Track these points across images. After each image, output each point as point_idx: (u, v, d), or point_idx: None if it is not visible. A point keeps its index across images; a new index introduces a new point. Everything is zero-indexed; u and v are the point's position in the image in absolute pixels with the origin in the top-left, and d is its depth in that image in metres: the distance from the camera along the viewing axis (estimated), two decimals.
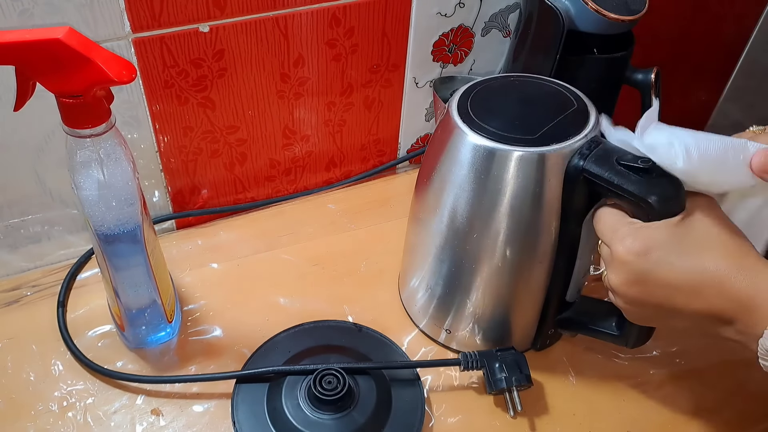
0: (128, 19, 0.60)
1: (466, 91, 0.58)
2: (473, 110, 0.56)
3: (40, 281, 0.71)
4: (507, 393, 0.60)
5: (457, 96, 0.58)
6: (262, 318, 0.68)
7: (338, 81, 0.75)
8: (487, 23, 0.78)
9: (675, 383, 0.64)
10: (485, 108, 0.56)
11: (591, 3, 0.66)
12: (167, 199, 0.76)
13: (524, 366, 0.61)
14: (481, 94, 0.58)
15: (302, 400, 0.59)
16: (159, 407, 0.61)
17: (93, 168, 0.50)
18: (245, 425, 0.58)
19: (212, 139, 0.73)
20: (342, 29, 0.71)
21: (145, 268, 0.58)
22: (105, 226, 0.54)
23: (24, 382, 0.62)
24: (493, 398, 0.62)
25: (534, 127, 0.53)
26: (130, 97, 0.66)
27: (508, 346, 0.62)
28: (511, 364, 0.60)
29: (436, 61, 0.79)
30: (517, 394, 0.60)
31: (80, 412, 0.60)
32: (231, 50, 0.67)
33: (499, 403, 0.62)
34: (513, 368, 0.60)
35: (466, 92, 0.58)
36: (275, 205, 0.82)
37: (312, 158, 0.81)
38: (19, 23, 0.56)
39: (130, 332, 0.63)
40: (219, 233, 0.78)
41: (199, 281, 0.72)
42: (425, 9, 0.73)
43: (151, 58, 0.64)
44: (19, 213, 0.68)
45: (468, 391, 0.63)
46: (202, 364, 0.64)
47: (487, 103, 0.57)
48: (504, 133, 0.53)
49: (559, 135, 0.52)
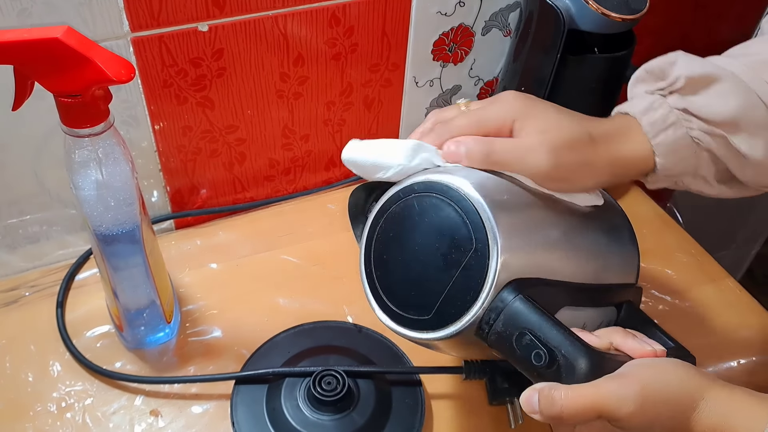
0: (127, 19, 0.60)
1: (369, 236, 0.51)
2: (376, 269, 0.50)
3: (39, 281, 0.70)
4: (509, 404, 0.60)
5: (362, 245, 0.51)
6: (262, 318, 0.68)
7: (338, 80, 0.75)
8: (488, 22, 0.78)
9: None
10: (386, 268, 0.49)
11: (592, 2, 0.66)
12: (166, 199, 0.76)
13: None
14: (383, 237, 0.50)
15: (301, 401, 0.59)
16: (158, 408, 0.60)
17: (91, 168, 0.50)
18: (244, 426, 0.58)
19: (211, 138, 0.73)
20: (342, 28, 0.70)
21: (143, 268, 0.58)
22: (103, 226, 0.53)
23: (22, 382, 0.61)
24: (495, 408, 0.61)
25: (430, 298, 0.46)
26: (129, 97, 0.65)
27: None
28: (514, 375, 0.59)
29: (436, 60, 0.78)
30: (519, 406, 0.59)
31: (79, 412, 0.60)
32: (230, 49, 0.67)
33: (500, 413, 0.61)
34: (516, 379, 0.59)
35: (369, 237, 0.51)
36: (275, 205, 0.82)
37: (311, 158, 0.81)
38: (17, 22, 0.56)
39: (128, 333, 0.63)
40: (218, 233, 0.77)
41: (198, 281, 0.71)
42: (425, 8, 0.73)
43: (150, 57, 0.64)
44: (17, 213, 0.68)
45: (469, 398, 0.62)
46: (201, 364, 0.64)
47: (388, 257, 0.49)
48: (402, 313, 0.48)
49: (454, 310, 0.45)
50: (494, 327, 0.44)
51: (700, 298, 0.73)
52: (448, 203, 0.46)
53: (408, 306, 0.48)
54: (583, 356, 0.42)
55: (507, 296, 0.43)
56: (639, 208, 0.84)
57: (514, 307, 0.43)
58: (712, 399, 0.42)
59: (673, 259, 0.77)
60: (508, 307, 0.43)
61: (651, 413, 0.42)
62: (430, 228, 0.47)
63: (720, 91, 0.49)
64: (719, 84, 0.49)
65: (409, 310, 0.47)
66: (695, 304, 0.73)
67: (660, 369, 0.43)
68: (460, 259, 0.45)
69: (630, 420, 0.41)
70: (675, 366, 0.44)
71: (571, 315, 0.48)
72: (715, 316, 0.72)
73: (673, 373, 0.43)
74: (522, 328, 0.43)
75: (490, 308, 0.43)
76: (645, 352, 0.45)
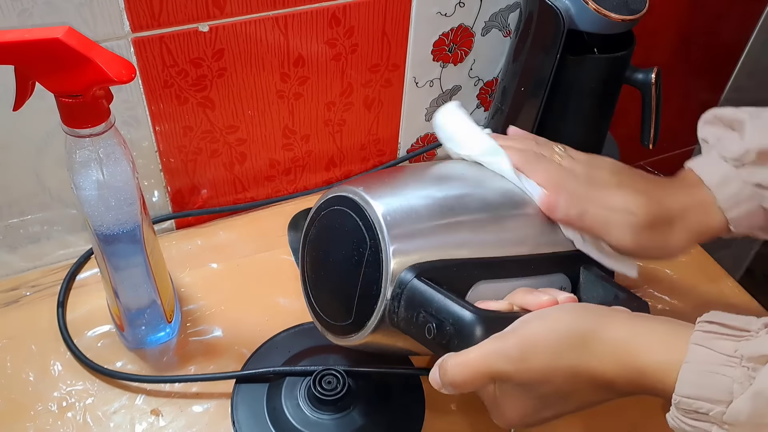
0: (128, 19, 0.60)
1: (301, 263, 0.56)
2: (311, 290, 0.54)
3: (40, 281, 0.70)
4: None
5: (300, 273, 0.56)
6: (262, 318, 0.68)
7: (338, 81, 0.75)
8: (488, 23, 0.78)
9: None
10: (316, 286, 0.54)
11: (591, 2, 0.66)
12: (167, 199, 0.76)
13: None
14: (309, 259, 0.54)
15: (302, 400, 0.59)
16: (159, 407, 0.60)
17: (92, 168, 0.50)
18: (245, 425, 0.58)
19: (212, 138, 0.73)
20: (342, 29, 0.70)
21: (144, 268, 0.58)
22: (104, 226, 0.54)
23: (23, 382, 0.62)
24: None
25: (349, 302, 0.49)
26: (130, 97, 0.65)
27: None
28: None
29: (436, 60, 0.79)
30: None
31: (80, 412, 0.60)
32: (231, 50, 0.67)
33: None
34: None
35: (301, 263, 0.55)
36: (275, 204, 0.82)
37: (312, 158, 0.81)
38: (18, 23, 0.56)
39: (129, 332, 0.63)
40: (219, 233, 0.78)
41: (199, 281, 0.72)
42: (425, 8, 0.73)
43: (151, 57, 0.64)
44: (18, 213, 0.68)
45: (469, 399, 0.62)
46: (202, 364, 0.64)
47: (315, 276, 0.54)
48: (335, 323, 0.52)
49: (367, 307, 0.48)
50: (399, 313, 0.46)
51: (700, 298, 0.73)
52: (347, 212, 0.49)
53: (337, 315, 0.51)
54: (471, 322, 0.43)
55: (404, 282, 0.46)
56: None
57: (411, 290, 0.46)
58: (611, 336, 0.42)
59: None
60: (406, 291, 0.46)
61: (538, 363, 0.42)
62: (338, 238, 0.51)
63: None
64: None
65: (338, 319, 0.51)
66: (695, 304, 0.73)
67: (546, 317, 0.44)
68: (362, 259, 0.48)
69: (519, 374, 0.42)
70: (563, 311, 0.45)
71: (492, 287, 0.49)
72: None
73: (559, 319, 0.44)
74: (418, 308, 0.45)
75: (392, 297, 0.46)
76: (540, 302, 0.46)
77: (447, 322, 0.44)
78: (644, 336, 0.42)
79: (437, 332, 0.44)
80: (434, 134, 0.87)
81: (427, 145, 0.87)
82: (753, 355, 0.38)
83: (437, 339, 0.44)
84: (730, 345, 0.39)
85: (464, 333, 0.43)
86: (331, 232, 0.52)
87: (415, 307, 0.46)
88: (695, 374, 0.39)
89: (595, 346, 0.42)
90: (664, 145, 0.93)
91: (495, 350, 0.43)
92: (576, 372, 0.42)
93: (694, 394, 0.38)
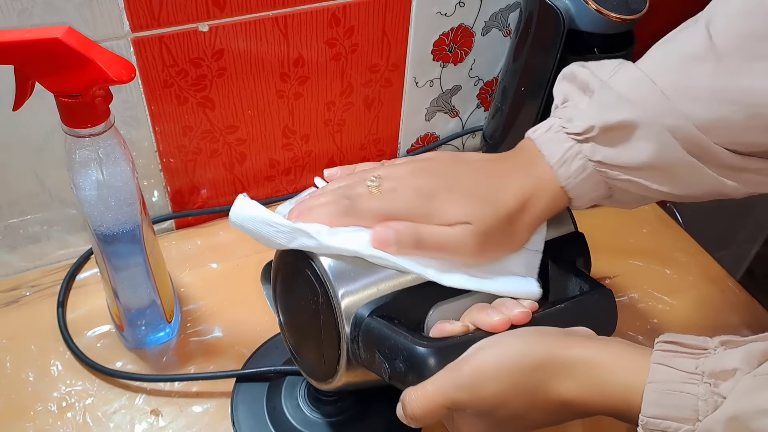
0: (127, 19, 0.60)
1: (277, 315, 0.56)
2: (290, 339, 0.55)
3: (40, 281, 0.70)
4: None
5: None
6: (262, 318, 0.68)
7: (338, 80, 0.75)
8: (488, 22, 0.78)
9: None
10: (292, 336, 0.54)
11: (591, 2, 0.66)
12: (166, 199, 0.76)
13: None
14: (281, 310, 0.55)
15: (302, 400, 0.59)
16: (158, 407, 0.60)
17: (92, 168, 0.50)
18: (245, 425, 0.58)
19: (212, 138, 0.73)
20: (342, 29, 0.70)
21: (144, 268, 0.58)
22: (104, 226, 0.54)
23: (23, 382, 0.62)
24: None
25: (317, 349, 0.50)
26: (129, 97, 0.65)
27: None
28: None
29: (436, 60, 0.78)
30: None
31: (79, 412, 0.60)
32: (230, 50, 0.67)
33: None
34: None
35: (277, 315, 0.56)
36: (275, 204, 0.81)
37: (312, 158, 0.81)
38: (18, 23, 0.56)
39: (129, 332, 0.63)
40: (218, 233, 0.77)
41: (199, 281, 0.72)
42: (425, 8, 0.73)
43: (151, 57, 0.64)
44: (18, 213, 0.68)
45: None
46: (202, 364, 0.64)
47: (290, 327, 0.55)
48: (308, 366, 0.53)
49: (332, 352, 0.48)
50: (360, 355, 0.46)
51: (700, 298, 0.73)
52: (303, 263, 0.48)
53: (312, 361, 0.51)
54: (423, 355, 0.43)
55: (359, 322, 0.46)
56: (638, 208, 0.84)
57: (365, 330, 0.46)
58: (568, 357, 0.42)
59: (672, 259, 0.77)
60: (362, 332, 0.46)
61: (492, 390, 0.42)
62: (297, 289, 0.51)
63: (635, 140, 0.47)
64: (634, 132, 0.47)
65: (314, 365, 0.51)
66: (695, 304, 0.73)
67: (498, 345, 0.43)
68: (318, 307, 0.48)
69: (473, 402, 0.42)
70: (517, 337, 0.44)
71: (450, 307, 0.49)
72: (714, 316, 0.72)
73: (512, 345, 0.43)
74: (373, 348, 0.45)
75: (352, 339, 0.46)
76: (492, 324, 0.45)
77: (399, 359, 0.44)
78: (604, 357, 0.42)
79: (391, 372, 0.44)
80: (434, 134, 0.87)
81: (427, 144, 0.87)
82: (714, 370, 0.38)
83: (393, 378, 0.45)
84: (689, 362, 0.39)
85: (418, 367, 0.44)
86: (291, 283, 0.52)
87: (371, 346, 0.45)
88: (659, 394, 0.39)
89: (550, 369, 0.42)
90: None
91: (449, 381, 0.43)
92: (531, 396, 0.42)
93: (661, 414, 0.38)
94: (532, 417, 0.43)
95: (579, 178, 0.50)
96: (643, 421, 0.39)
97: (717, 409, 0.37)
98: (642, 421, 0.39)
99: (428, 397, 0.43)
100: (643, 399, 0.39)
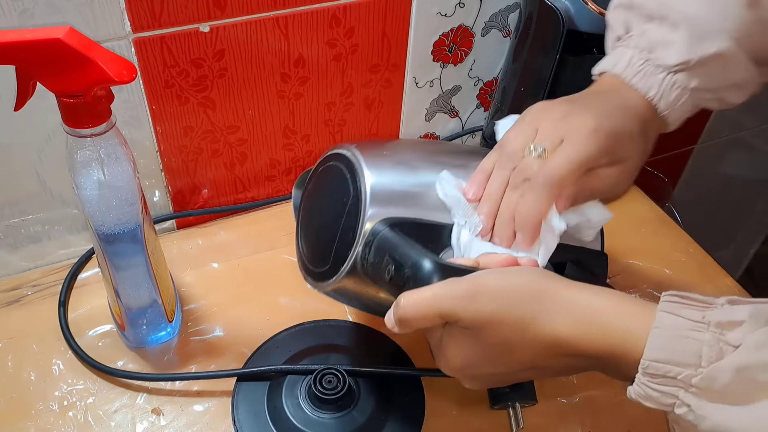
0: (128, 19, 0.60)
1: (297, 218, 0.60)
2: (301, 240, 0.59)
3: (41, 281, 0.71)
4: (510, 409, 0.60)
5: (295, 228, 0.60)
6: (263, 317, 0.68)
7: (338, 81, 0.75)
8: (487, 23, 0.78)
9: None
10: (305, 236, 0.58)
11: (591, 3, 0.66)
12: (167, 199, 0.76)
13: (530, 382, 0.60)
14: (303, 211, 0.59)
15: (302, 399, 0.59)
16: (159, 406, 0.61)
17: (93, 168, 0.50)
18: (245, 424, 0.59)
19: (212, 138, 0.73)
20: (342, 29, 0.71)
21: (145, 267, 0.58)
22: (105, 226, 0.54)
23: (24, 381, 0.62)
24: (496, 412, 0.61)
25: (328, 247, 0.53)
26: (131, 97, 0.66)
27: None
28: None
29: (436, 61, 0.79)
30: (520, 411, 0.59)
31: (81, 411, 0.60)
32: (231, 50, 0.67)
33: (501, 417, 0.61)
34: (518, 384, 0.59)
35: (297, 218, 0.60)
36: (276, 204, 0.82)
37: (312, 158, 0.81)
38: (19, 23, 0.56)
39: (130, 332, 0.63)
40: (219, 233, 0.78)
41: (200, 281, 0.72)
42: (425, 9, 0.73)
43: (152, 57, 0.64)
44: (19, 213, 0.68)
45: (470, 401, 0.62)
46: (203, 363, 0.64)
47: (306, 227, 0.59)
48: (315, 269, 0.55)
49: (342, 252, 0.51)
50: (368, 259, 0.50)
51: None
52: (339, 166, 0.54)
53: (317, 261, 0.55)
54: (429, 269, 0.45)
55: (377, 231, 0.50)
56: (638, 208, 0.84)
57: (381, 237, 0.49)
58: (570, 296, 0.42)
59: (671, 258, 0.77)
60: (377, 239, 0.49)
61: (487, 307, 0.42)
62: (328, 190, 0.56)
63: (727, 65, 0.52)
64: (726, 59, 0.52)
65: (318, 265, 0.54)
66: None
67: (504, 272, 0.45)
68: (344, 208, 0.52)
69: (466, 315, 0.42)
70: (523, 270, 0.45)
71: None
72: None
73: (518, 273, 0.45)
74: (384, 253, 0.49)
75: (365, 244, 0.50)
76: (500, 259, 0.47)
77: (406, 266, 0.46)
78: (607, 301, 0.42)
79: (395, 274, 0.47)
80: (434, 134, 0.87)
81: None
82: (721, 321, 0.38)
83: (394, 281, 0.47)
84: (696, 313, 0.39)
85: (421, 278, 0.45)
86: (324, 185, 0.57)
87: (383, 252, 0.48)
88: (664, 339, 0.39)
89: (550, 302, 0.42)
90: (664, 145, 0.93)
91: (446, 290, 0.44)
92: (524, 323, 0.42)
93: (664, 358, 0.38)
94: (520, 352, 0.43)
95: (676, 105, 0.53)
96: (645, 365, 0.39)
97: (721, 356, 0.37)
98: (643, 365, 0.39)
99: (424, 301, 0.43)
100: (647, 343, 0.39)
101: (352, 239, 0.50)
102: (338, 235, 0.52)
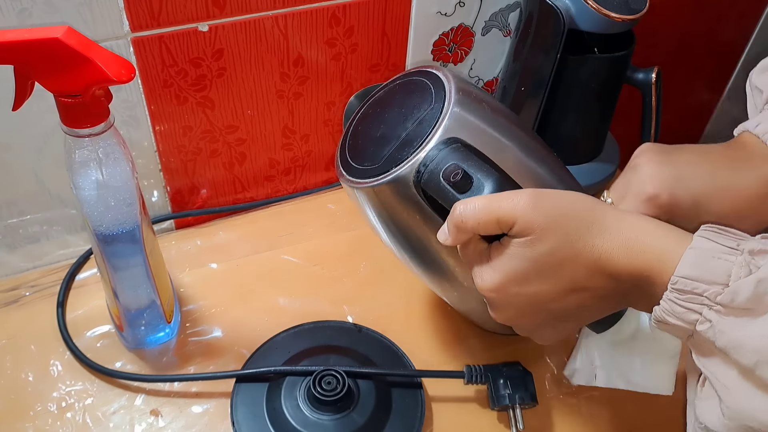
0: (127, 19, 0.60)
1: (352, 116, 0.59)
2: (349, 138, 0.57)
3: (39, 281, 0.70)
4: (510, 410, 0.60)
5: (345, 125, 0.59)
6: (262, 318, 0.68)
7: (338, 80, 0.75)
8: (488, 22, 0.78)
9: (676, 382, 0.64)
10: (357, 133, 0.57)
11: (592, 2, 0.66)
12: (166, 199, 0.76)
13: (530, 384, 0.60)
14: (363, 111, 0.58)
15: (302, 400, 0.59)
16: (158, 408, 0.60)
17: (92, 168, 0.50)
18: (244, 426, 0.58)
19: (211, 138, 0.73)
20: (342, 28, 0.70)
21: (143, 268, 0.58)
22: (104, 226, 0.54)
23: (23, 382, 0.62)
24: (497, 413, 0.61)
25: (384, 149, 0.53)
26: (129, 97, 0.65)
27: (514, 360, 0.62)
28: (516, 381, 0.59)
29: (436, 60, 0.78)
30: (520, 412, 0.59)
31: (79, 412, 0.60)
32: (230, 49, 0.67)
33: (501, 418, 0.61)
34: (518, 386, 0.59)
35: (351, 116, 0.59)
36: (275, 204, 0.82)
37: (312, 158, 0.81)
38: (17, 22, 0.56)
39: (129, 333, 0.63)
40: (218, 233, 0.77)
41: (199, 281, 0.72)
42: (425, 8, 0.73)
43: (150, 57, 0.64)
44: (17, 213, 0.68)
45: (470, 402, 0.62)
46: (202, 364, 0.64)
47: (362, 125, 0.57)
48: (355, 165, 0.54)
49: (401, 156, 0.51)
50: (429, 166, 0.49)
51: None
52: (423, 80, 0.54)
53: (363, 160, 0.54)
54: (496, 178, 0.46)
55: (448, 144, 0.49)
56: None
57: (451, 149, 0.49)
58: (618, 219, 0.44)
59: None
60: (445, 150, 0.49)
61: (544, 214, 0.43)
62: (402, 97, 0.55)
63: None
64: None
65: (363, 163, 0.53)
66: None
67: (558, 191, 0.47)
68: (418, 114, 0.52)
69: (522, 220, 0.43)
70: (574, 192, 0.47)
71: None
72: None
73: (572, 193, 0.46)
74: (452, 161, 0.48)
75: (430, 151, 0.49)
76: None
77: (474, 175, 0.47)
78: (649, 224, 0.44)
79: (462, 178, 0.47)
80: None
81: None
82: (754, 248, 0.40)
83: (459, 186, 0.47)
84: (732, 241, 0.41)
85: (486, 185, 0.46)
86: (398, 93, 0.56)
87: (449, 161, 0.48)
88: (698, 258, 0.40)
89: (600, 221, 0.44)
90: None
91: (506, 195, 0.45)
92: (577, 236, 0.43)
93: (694, 275, 0.40)
94: (568, 267, 0.44)
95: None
96: (674, 281, 0.40)
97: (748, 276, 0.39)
98: (673, 282, 0.40)
99: (482, 204, 0.45)
100: (681, 260, 0.40)
101: (418, 146, 0.50)
102: (402, 137, 0.52)
